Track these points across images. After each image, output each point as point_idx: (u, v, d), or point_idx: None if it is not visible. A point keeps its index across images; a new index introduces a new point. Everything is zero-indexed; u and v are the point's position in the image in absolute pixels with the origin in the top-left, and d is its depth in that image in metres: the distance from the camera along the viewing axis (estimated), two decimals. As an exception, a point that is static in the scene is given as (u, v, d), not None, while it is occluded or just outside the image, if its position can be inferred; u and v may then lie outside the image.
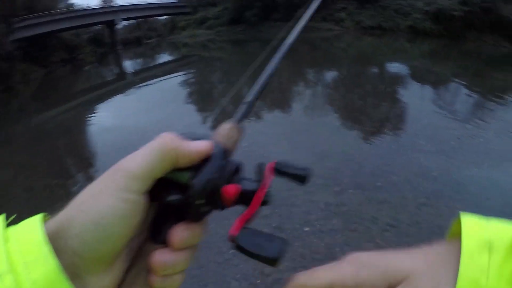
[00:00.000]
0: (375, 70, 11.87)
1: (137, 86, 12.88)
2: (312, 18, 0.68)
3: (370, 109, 7.40)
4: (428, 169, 4.61)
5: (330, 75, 11.89)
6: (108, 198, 0.30)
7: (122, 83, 15.05)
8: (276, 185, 0.36)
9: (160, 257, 0.33)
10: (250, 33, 18.49)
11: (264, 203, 0.36)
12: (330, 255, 2.90)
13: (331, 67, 12.83)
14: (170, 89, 11.83)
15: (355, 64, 12.84)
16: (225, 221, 1.86)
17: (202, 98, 10.07)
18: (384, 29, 20.03)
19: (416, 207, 3.75)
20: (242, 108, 0.46)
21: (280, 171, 0.40)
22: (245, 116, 0.45)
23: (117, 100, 11.49)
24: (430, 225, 3.49)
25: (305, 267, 1.36)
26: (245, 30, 20.31)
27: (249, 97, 0.47)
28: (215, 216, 0.35)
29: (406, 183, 4.22)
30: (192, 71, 14.75)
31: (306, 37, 16.87)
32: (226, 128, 0.41)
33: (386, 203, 3.77)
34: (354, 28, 21.37)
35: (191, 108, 9.32)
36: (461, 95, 9.12)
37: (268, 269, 2.78)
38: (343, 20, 20.07)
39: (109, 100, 11.62)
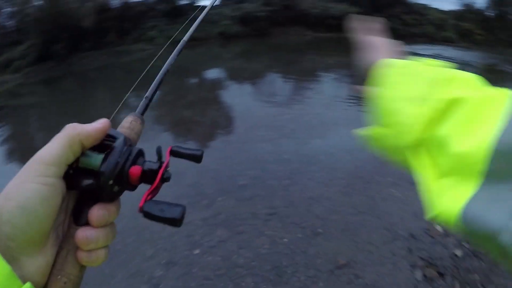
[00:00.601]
0: (195, 80, 12.09)
1: None
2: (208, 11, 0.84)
3: (201, 118, 7.40)
4: (279, 154, 4.88)
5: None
6: (30, 184, 0.33)
7: None
8: (145, 221, 0.39)
9: (83, 233, 0.37)
10: (61, 68, 16.59)
11: (165, 179, 0.42)
12: (231, 264, 2.76)
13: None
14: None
15: (175, 78, 12.90)
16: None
17: (22, 154, 8.67)
18: (196, 40, 20.65)
19: (284, 190, 3.92)
20: (143, 103, 0.53)
21: (176, 152, 0.47)
22: (145, 109, 0.53)
23: None
24: (303, 199, 3.70)
25: (216, 286, 1.19)
26: (56, 66, 18.05)
27: (149, 93, 0.55)
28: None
29: (265, 173, 4.36)
30: (2, 126, 12.63)
31: (118, 62, 16.27)
32: (128, 120, 0.49)
33: (256, 196, 3.82)
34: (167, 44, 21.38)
35: (13, 167, 7.94)
36: (281, 83, 10.06)
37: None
38: (155, 38, 19.96)
39: None
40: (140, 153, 0.43)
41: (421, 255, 2.81)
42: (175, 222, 0.37)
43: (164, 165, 0.42)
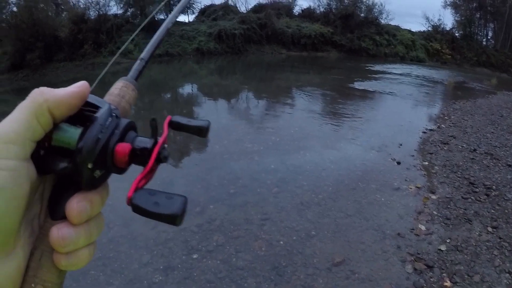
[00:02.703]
0: (169, 95, 12.12)
1: None
2: None
3: (177, 133, 7.35)
4: (266, 164, 5.04)
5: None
6: None
7: None
8: (138, 228, 0.30)
9: (58, 232, 0.29)
10: (34, 78, 16.01)
11: (161, 160, 0.34)
12: (231, 268, 2.86)
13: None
14: None
15: (149, 93, 12.96)
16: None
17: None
18: (171, 55, 20.77)
19: (274, 197, 4.07)
20: (138, 65, 0.44)
21: (177, 124, 0.40)
22: (140, 73, 0.43)
23: None
24: (293, 205, 3.87)
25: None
26: (28, 76, 17.48)
27: (145, 54, 0.45)
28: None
29: (253, 182, 4.50)
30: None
31: (93, 74, 16.05)
32: (117, 87, 0.39)
33: (248, 203, 3.95)
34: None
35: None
36: (258, 100, 10.28)
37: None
38: (131, 51, 19.84)
39: None
40: (130, 127, 0.34)
41: (409, 251, 3.05)
42: (174, 219, 0.29)
43: (160, 140, 0.34)
